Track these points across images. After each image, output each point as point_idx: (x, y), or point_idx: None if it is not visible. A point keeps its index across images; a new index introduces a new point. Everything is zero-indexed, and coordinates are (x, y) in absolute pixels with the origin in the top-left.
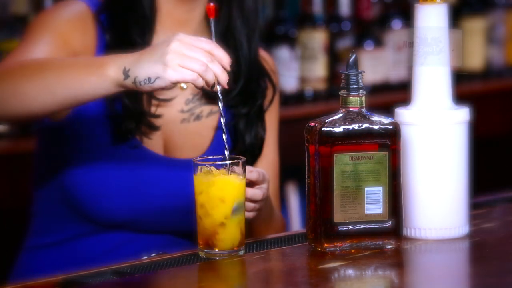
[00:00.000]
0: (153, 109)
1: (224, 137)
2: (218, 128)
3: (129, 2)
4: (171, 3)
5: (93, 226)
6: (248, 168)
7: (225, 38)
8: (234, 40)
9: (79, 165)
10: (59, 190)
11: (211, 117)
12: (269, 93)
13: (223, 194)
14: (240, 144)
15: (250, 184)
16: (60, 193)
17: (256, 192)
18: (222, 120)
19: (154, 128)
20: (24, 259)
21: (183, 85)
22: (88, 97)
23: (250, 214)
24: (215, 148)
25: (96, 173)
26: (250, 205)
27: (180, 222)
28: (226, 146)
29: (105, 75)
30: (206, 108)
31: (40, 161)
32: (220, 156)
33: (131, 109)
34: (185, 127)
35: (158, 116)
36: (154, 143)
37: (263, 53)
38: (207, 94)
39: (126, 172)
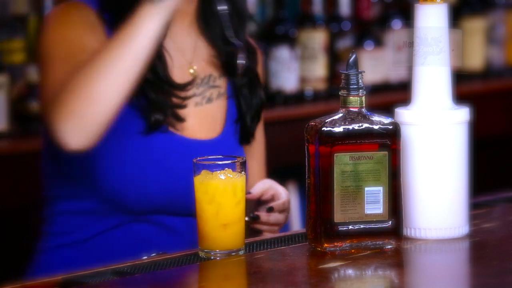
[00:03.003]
0: (178, 101)
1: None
2: (228, 110)
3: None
4: None
5: (125, 216)
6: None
7: (211, 24)
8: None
9: (112, 157)
10: (90, 186)
11: (220, 99)
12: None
13: (224, 194)
14: (246, 109)
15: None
16: (92, 189)
17: (279, 218)
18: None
19: (180, 119)
20: (44, 260)
21: (191, 70)
22: (151, 44)
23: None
24: (228, 129)
25: (129, 162)
26: (274, 228)
27: None
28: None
29: (146, 17)
30: (215, 91)
31: (62, 160)
32: (219, 156)
33: (157, 102)
34: (199, 110)
35: (183, 107)
36: (177, 127)
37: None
38: (214, 79)
39: (158, 157)
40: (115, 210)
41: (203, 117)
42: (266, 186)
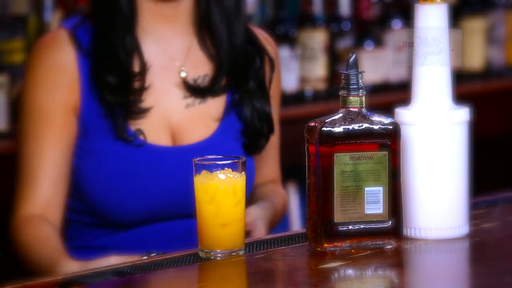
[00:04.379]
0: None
1: None
2: (225, 111)
3: (108, 4)
4: (153, 2)
5: (116, 227)
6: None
7: (204, 32)
8: (213, 35)
9: (92, 170)
10: (79, 199)
11: (217, 99)
12: (267, 69)
13: (223, 194)
14: (246, 126)
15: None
16: (80, 201)
17: (262, 233)
18: None
19: (144, 110)
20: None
21: (182, 73)
22: None
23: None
24: (224, 128)
25: (108, 176)
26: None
27: None
28: None
29: None
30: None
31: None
32: (220, 156)
33: (117, 105)
34: (190, 111)
35: (142, 98)
36: (159, 137)
37: (261, 32)
38: (210, 79)
39: (136, 172)
40: (102, 222)
41: (195, 118)
42: (249, 219)
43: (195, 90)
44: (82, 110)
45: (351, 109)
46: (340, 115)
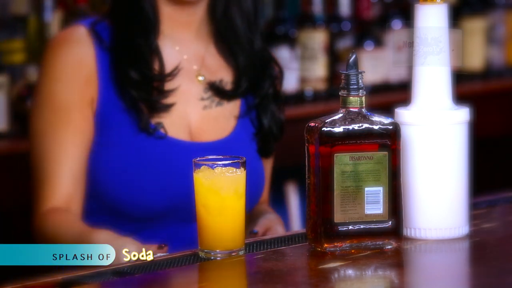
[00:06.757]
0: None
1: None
2: (240, 115)
3: (131, 8)
4: (171, 8)
5: (135, 224)
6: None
7: (226, 36)
8: (235, 38)
9: (110, 164)
10: (96, 197)
11: (232, 103)
12: (279, 79)
13: (224, 194)
14: (260, 130)
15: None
16: (98, 200)
17: (279, 230)
18: None
19: (167, 106)
20: None
21: (200, 77)
22: None
23: None
24: (239, 131)
25: (127, 168)
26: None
27: None
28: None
29: None
30: (226, 95)
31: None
32: (220, 157)
33: (141, 100)
34: (208, 113)
35: (166, 97)
36: (179, 132)
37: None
38: (225, 84)
39: (156, 164)
40: (123, 218)
41: (212, 119)
42: (270, 224)
43: (221, 92)
44: (100, 104)
45: (351, 109)
46: (340, 115)
